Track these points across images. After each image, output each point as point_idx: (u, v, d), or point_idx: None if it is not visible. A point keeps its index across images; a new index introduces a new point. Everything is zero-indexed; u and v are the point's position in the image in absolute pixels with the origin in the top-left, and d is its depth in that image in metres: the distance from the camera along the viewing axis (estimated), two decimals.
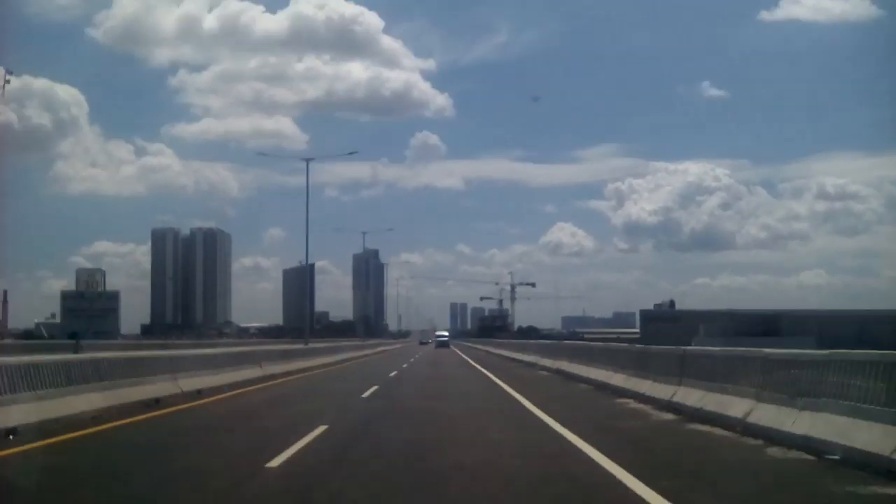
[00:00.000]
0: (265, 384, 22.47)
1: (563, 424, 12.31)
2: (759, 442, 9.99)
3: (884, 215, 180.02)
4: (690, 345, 21.78)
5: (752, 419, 10.58)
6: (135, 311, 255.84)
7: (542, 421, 13.27)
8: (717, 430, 11.25)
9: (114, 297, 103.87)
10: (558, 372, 26.78)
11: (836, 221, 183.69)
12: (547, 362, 30.59)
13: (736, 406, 11.24)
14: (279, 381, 24.22)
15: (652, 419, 13.28)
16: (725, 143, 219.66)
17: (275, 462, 8.87)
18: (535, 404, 15.92)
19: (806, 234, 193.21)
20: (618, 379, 18.58)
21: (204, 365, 19.97)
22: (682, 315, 75.32)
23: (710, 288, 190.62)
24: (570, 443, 10.56)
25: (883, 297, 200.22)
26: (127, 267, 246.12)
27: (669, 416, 13.35)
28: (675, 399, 13.87)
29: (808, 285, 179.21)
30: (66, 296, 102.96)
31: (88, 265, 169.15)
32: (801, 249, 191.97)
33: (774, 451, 9.38)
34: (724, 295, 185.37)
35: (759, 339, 45.93)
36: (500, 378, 25.42)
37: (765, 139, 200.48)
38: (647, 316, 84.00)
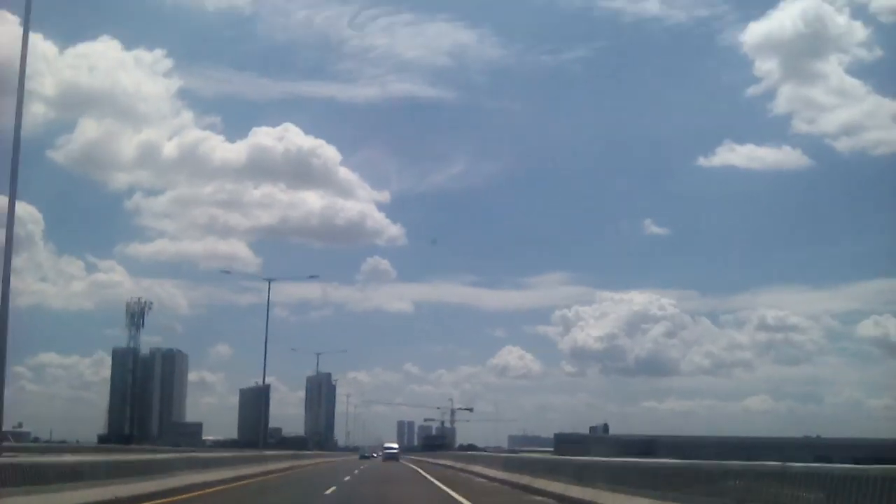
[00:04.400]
0: (253, 480, 30.34)
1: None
2: None
3: (824, 346, 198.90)
4: None
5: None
6: (80, 422, 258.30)
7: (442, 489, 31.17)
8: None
9: None
10: (461, 470, 44.23)
11: (777, 351, 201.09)
12: (458, 465, 47.98)
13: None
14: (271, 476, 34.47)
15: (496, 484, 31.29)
16: (670, 275, 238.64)
17: None
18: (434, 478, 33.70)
19: (749, 362, 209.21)
20: (492, 472, 35.20)
21: (196, 465, 26.18)
22: (583, 439, 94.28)
23: (658, 411, 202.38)
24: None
25: (827, 421, 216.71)
26: (69, 378, 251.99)
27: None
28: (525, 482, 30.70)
29: (754, 410, 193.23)
30: None
31: (30, 374, 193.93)
32: (745, 376, 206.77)
33: None
34: (671, 418, 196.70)
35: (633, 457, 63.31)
36: (425, 471, 42.96)
37: (707, 273, 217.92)
38: (559, 439, 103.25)
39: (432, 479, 34.88)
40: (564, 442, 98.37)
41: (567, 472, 21.28)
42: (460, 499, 22.68)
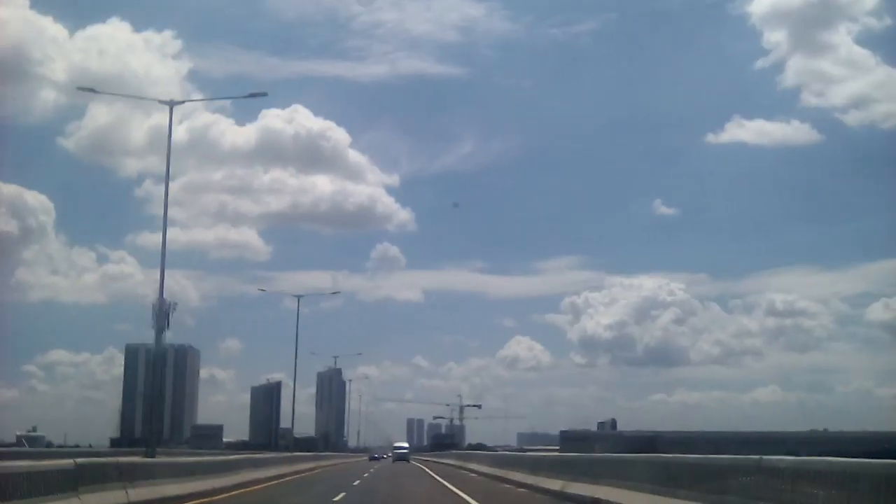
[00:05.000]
0: (293, 477, 34.58)
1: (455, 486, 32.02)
2: None
3: (833, 332, 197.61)
4: None
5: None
6: (92, 424, 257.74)
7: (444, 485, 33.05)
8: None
9: None
10: (459, 468, 46.13)
11: (787, 337, 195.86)
12: (459, 462, 50.04)
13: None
14: (296, 476, 36.41)
15: (507, 486, 33.05)
16: (680, 258, 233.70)
17: None
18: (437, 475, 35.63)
19: (759, 350, 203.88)
20: (482, 468, 37.71)
21: (251, 465, 30.15)
22: (589, 435, 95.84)
23: (667, 404, 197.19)
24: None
25: (835, 413, 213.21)
26: (80, 377, 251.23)
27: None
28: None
29: (763, 402, 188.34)
30: None
31: (41, 374, 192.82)
32: (755, 365, 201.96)
33: None
34: (680, 412, 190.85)
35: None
36: (429, 468, 45.03)
37: (717, 255, 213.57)
38: (565, 436, 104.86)
39: (433, 475, 39.32)
40: (570, 439, 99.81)
41: (526, 466, 27.99)
42: (452, 487, 27.39)
